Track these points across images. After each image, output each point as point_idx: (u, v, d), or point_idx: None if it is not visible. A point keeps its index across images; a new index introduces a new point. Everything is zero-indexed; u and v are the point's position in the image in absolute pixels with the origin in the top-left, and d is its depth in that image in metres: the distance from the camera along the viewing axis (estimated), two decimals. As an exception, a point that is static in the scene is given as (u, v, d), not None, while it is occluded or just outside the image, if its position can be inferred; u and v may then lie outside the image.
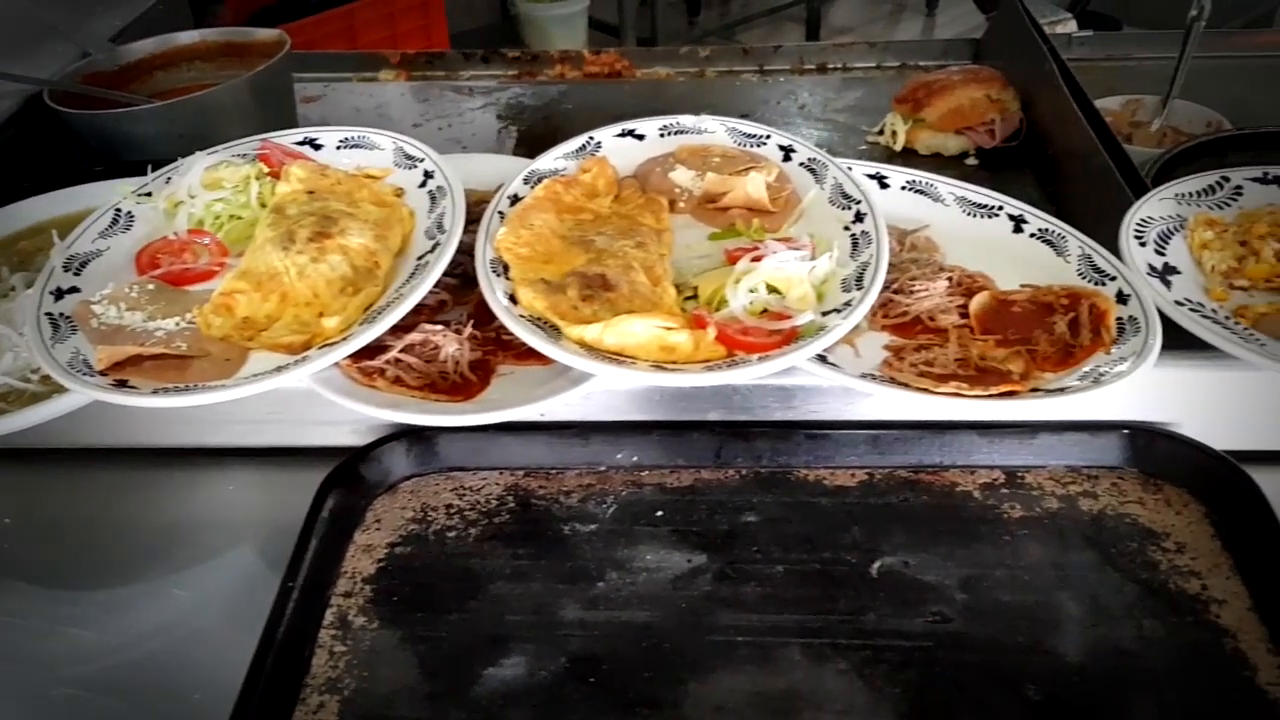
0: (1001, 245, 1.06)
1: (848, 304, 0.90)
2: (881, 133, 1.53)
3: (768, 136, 1.15)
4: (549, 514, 0.95)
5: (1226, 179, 1.11)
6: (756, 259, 0.92)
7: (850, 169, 1.14)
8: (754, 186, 1.03)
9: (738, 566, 0.89)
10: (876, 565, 0.89)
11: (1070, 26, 1.90)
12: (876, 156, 1.50)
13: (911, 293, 0.98)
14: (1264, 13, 3.29)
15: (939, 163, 1.47)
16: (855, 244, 0.98)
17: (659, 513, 0.94)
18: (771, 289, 0.91)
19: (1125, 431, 0.95)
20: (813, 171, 1.10)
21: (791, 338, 0.87)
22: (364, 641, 0.85)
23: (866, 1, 4.39)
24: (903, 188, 1.14)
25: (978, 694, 0.79)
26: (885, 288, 0.99)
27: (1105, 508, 0.93)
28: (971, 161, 1.47)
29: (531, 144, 1.54)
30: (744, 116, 1.68)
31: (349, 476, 0.96)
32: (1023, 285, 1.01)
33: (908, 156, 1.49)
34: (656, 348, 0.86)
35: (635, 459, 0.98)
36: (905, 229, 1.09)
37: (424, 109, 1.69)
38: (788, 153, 1.13)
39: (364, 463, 0.97)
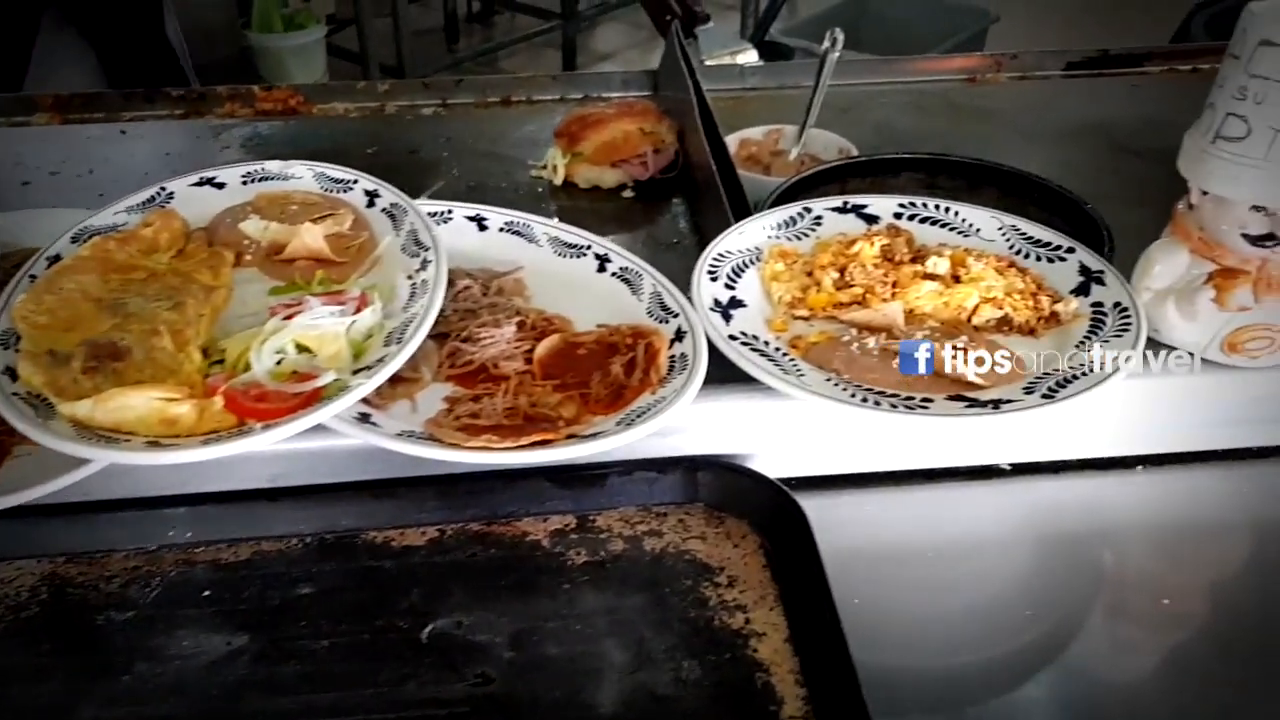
0: (586, 285, 1.05)
1: (381, 360, 0.86)
2: (545, 166, 1.53)
3: (355, 181, 1.11)
4: (84, 603, 0.87)
5: (808, 209, 1.14)
6: (289, 316, 0.88)
7: (450, 212, 1.12)
8: (310, 237, 0.99)
9: (280, 645, 0.84)
10: (428, 629, 0.86)
11: (751, 56, 1.96)
12: (539, 190, 1.49)
13: (477, 340, 0.96)
14: (974, 34, 3.51)
15: (597, 195, 1.47)
16: (413, 293, 0.95)
17: (206, 593, 0.88)
18: (304, 348, 0.87)
19: (687, 466, 0.95)
20: (393, 218, 1.06)
21: (314, 399, 0.83)
22: None
23: (626, 27, 4.46)
24: (501, 229, 1.12)
25: (503, 759, 0.77)
26: (454, 336, 0.97)
27: (668, 545, 0.92)
28: (629, 194, 1.47)
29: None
30: (413, 152, 1.65)
31: None
32: (599, 325, 1.00)
33: (569, 190, 1.49)
34: (157, 421, 0.79)
35: (189, 535, 0.92)
36: (498, 271, 1.07)
37: (69, 155, 1.57)
38: (372, 198, 1.09)
39: None
